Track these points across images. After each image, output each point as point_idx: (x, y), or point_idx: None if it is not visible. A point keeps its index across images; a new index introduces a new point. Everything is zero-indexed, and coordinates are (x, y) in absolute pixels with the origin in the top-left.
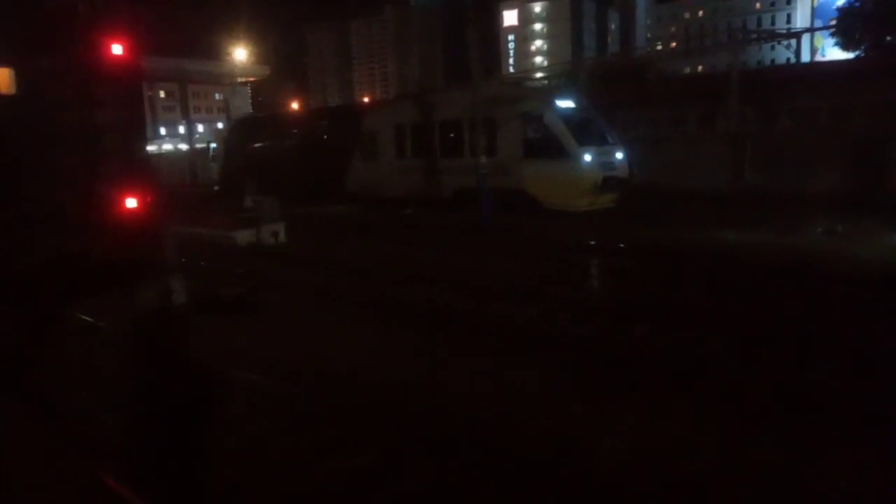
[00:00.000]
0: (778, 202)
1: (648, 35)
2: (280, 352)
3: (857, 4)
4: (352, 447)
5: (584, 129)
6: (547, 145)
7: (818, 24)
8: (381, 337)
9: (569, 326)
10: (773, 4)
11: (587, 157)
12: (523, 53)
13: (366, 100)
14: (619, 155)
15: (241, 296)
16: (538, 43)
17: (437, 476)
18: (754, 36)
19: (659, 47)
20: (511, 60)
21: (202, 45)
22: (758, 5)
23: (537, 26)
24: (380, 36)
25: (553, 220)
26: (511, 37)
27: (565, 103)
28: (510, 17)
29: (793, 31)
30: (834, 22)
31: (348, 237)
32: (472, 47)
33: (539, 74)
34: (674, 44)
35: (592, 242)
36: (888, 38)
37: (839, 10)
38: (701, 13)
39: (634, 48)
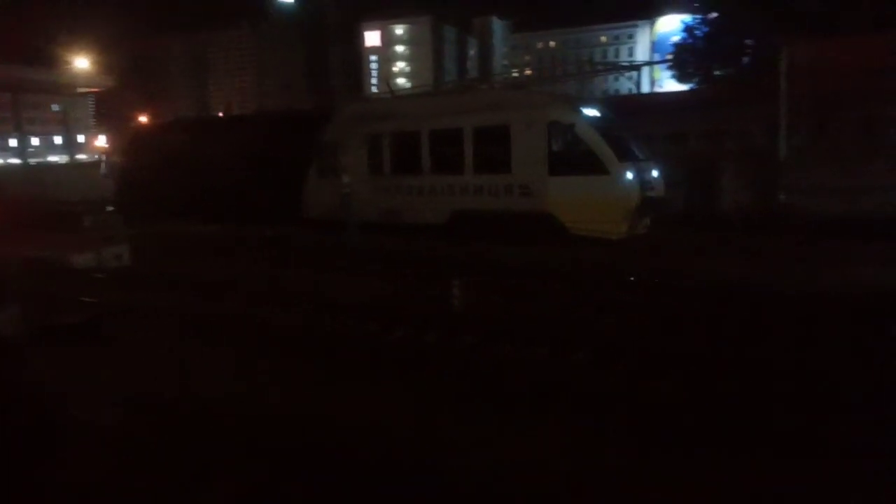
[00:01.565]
0: None
1: (505, 62)
2: (123, 383)
3: (689, 41)
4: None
5: (615, 141)
6: (580, 160)
7: (656, 57)
8: (223, 361)
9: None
10: (616, 38)
11: (629, 175)
12: (386, 74)
13: (323, 105)
14: (655, 172)
15: (80, 323)
16: (401, 65)
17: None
18: (600, 67)
19: (515, 74)
20: (374, 81)
21: (41, 52)
22: (603, 38)
23: (399, 48)
24: (238, 50)
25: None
26: (374, 57)
27: (591, 111)
28: (373, 38)
29: (634, 63)
30: (670, 56)
31: (206, 258)
32: (333, 65)
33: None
34: (528, 71)
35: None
36: (716, 71)
37: (674, 45)
38: (553, 44)
39: (492, 74)
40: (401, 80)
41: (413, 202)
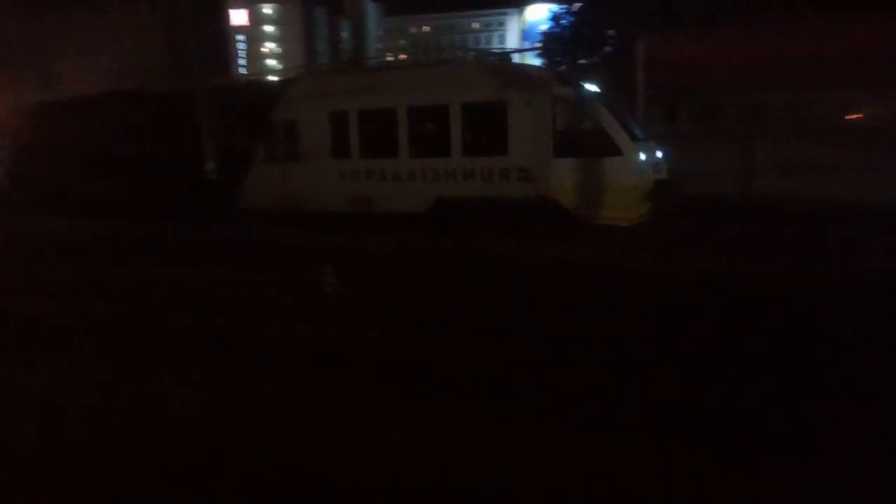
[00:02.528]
0: None
1: (379, 45)
2: None
3: (556, 30)
4: None
5: (621, 120)
6: (590, 141)
7: (526, 45)
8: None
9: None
10: (488, 26)
11: (642, 156)
12: (255, 55)
13: (274, 76)
14: (659, 153)
15: None
16: (271, 45)
17: None
18: (473, 53)
19: (390, 58)
20: (243, 62)
21: None
22: (475, 25)
23: (269, 28)
24: (90, 26)
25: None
26: (241, 37)
27: (592, 87)
28: (239, 17)
29: (505, 50)
30: (539, 44)
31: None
32: (193, 45)
33: (273, 77)
34: (403, 55)
35: None
36: (580, 60)
37: (542, 34)
38: (427, 28)
39: (367, 57)
40: (270, 62)
41: (388, 189)
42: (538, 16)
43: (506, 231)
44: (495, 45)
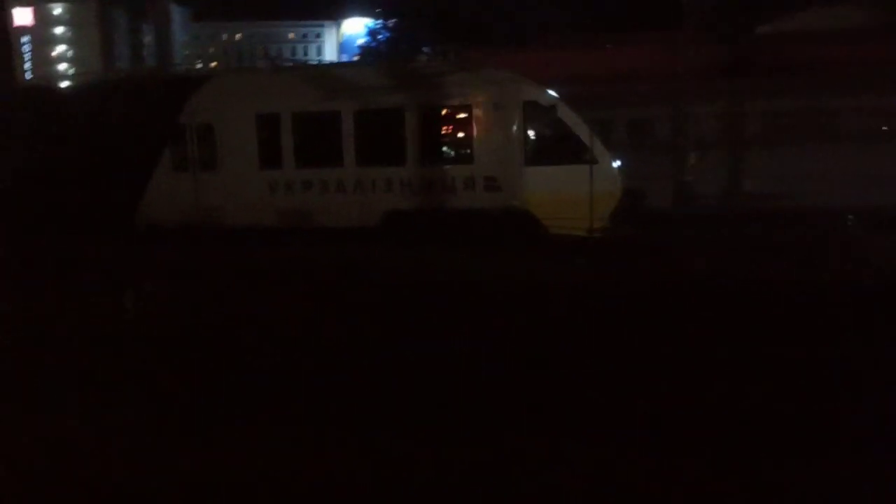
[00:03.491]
0: None
1: (187, 52)
2: None
3: (373, 44)
4: None
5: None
6: (563, 148)
7: (344, 58)
8: None
9: None
10: (305, 37)
11: (615, 164)
12: (43, 58)
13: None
14: (618, 161)
15: None
16: (61, 48)
17: None
18: (289, 64)
19: (199, 65)
20: (28, 65)
21: None
22: (291, 35)
23: (59, 30)
24: None
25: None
26: (26, 38)
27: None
28: (23, 16)
29: (323, 62)
30: (357, 57)
31: None
32: None
33: (65, 83)
34: (214, 63)
35: None
36: None
37: (360, 47)
38: (239, 36)
39: (174, 63)
40: (62, 66)
41: (330, 201)
42: (355, 29)
43: (469, 245)
44: (312, 57)
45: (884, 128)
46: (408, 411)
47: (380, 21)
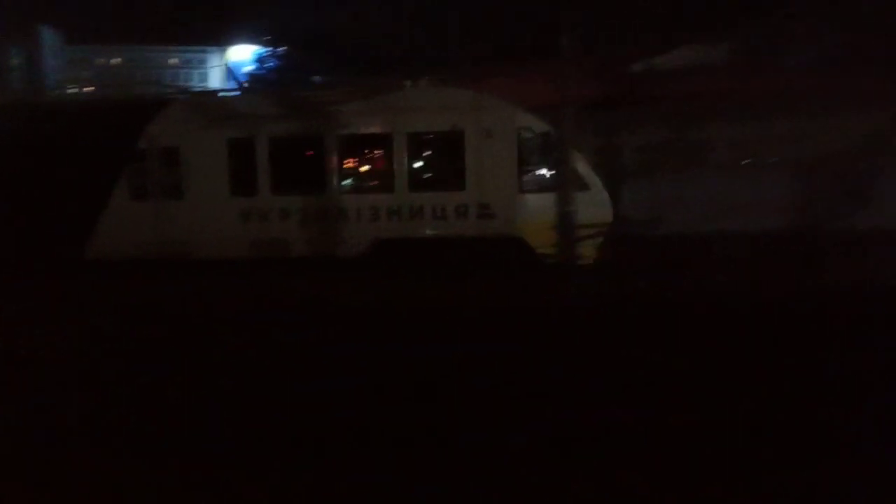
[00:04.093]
0: None
1: (60, 76)
2: None
3: (262, 72)
4: None
5: None
6: (557, 175)
7: (231, 85)
8: None
9: None
10: (188, 62)
11: (605, 191)
12: None
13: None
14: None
15: None
16: None
17: None
18: (170, 91)
19: (75, 90)
20: None
21: None
22: (173, 61)
23: None
24: None
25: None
26: None
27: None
28: None
29: (209, 89)
30: (245, 84)
31: None
32: None
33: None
34: (91, 88)
35: None
36: None
37: (247, 74)
38: (117, 61)
39: (47, 89)
40: None
41: (311, 230)
42: (242, 56)
43: (459, 274)
44: (197, 84)
45: (745, 159)
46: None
47: (269, 48)
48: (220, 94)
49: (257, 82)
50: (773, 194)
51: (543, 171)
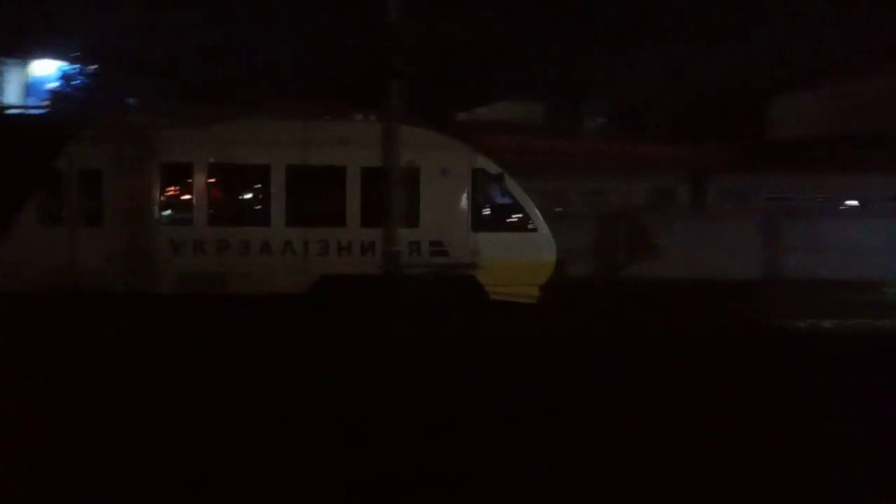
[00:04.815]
0: None
1: None
2: None
3: (67, 89)
4: None
5: None
6: (510, 215)
7: (32, 100)
8: None
9: None
10: None
11: (549, 233)
12: None
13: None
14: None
15: None
16: None
17: None
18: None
19: None
20: None
21: None
22: None
23: None
24: None
25: None
26: None
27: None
28: None
29: (3, 105)
30: (47, 102)
31: None
32: None
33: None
34: None
35: None
36: None
37: (50, 91)
38: None
39: None
40: None
41: (251, 264)
42: (45, 71)
43: (408, 312)
44: None
45: (558, 209)
46: None
47: (76, 65)
48: (157, 114)
49: (61, 99)
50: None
51: (495, 212)
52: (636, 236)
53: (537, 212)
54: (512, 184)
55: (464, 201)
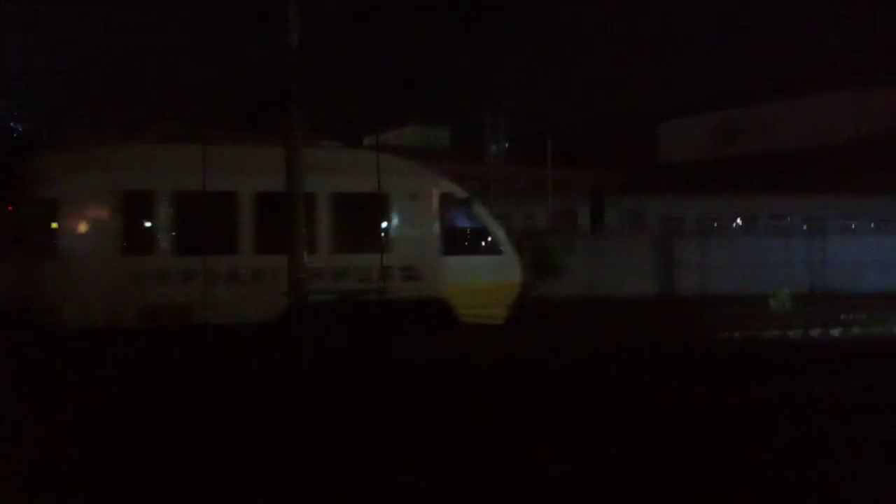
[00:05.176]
0: None
1: None
2: None
3: None
4: None
5: None
6: (477, 239)
7: None
8: None
9: None
10: None
11: (516, 256)
12: None
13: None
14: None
15: None
16: None
17: None
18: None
19: None
20: None
21: None
22: None
23: None
24: None
25: None
26: None
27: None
28: None
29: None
30: None
31: None
32: None
33: None
34: None
35: None
36: None
37: None
38: None
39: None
40: None
41: (219, 294)
42: None
43: (381, 335)
44: None
45: None
46: None
47: None
48: (115, 141)
49: None
50: None
51: (464, 236)
52: (539, 258)
53: (503, 234)
54: (479, 207)
55: (433, 226)
